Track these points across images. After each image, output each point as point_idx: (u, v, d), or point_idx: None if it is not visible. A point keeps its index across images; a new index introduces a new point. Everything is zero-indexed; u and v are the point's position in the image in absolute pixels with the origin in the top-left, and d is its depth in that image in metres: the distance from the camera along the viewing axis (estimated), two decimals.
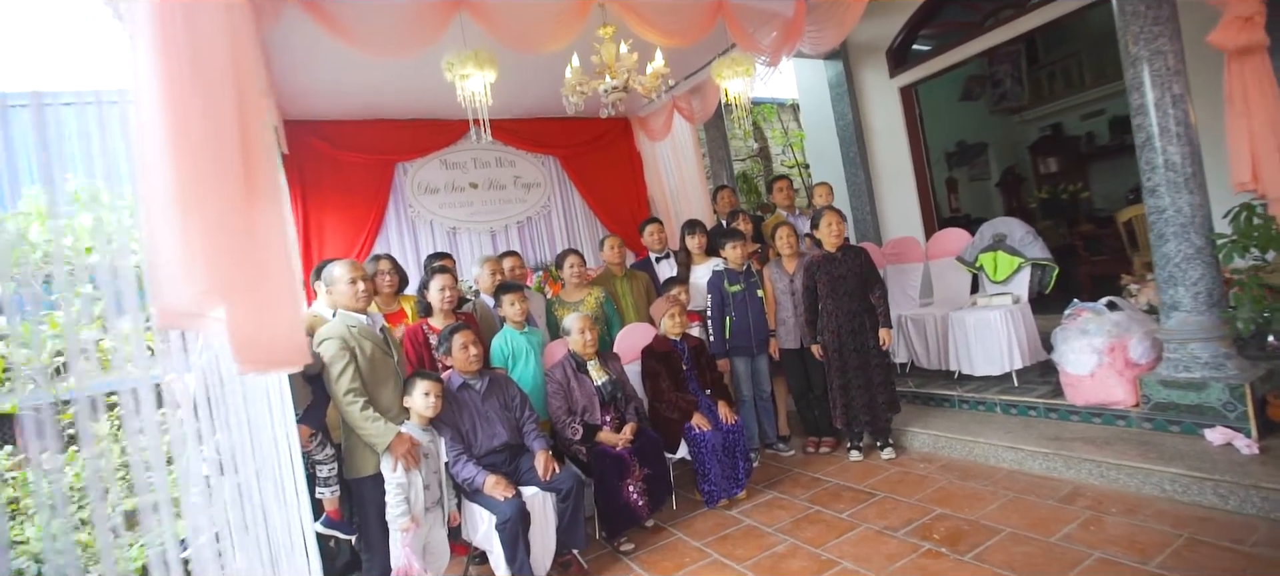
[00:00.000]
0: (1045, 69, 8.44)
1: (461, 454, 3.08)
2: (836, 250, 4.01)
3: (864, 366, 3.96)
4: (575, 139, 6.48)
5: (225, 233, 0.94)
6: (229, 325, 0.98)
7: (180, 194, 0.89)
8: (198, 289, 0.93)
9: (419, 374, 3.08)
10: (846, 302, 3.95)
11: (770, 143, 8.80)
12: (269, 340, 1.03)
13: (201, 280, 0.93)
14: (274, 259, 1.03)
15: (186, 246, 0.91)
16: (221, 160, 0.94)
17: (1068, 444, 3.39)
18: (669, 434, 3.74)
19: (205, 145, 0.93)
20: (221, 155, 0.94)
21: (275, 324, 1.04)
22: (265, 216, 1.04)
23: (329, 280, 3.07)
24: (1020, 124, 8.77)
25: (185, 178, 0.90)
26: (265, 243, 1.02)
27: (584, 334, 3.64)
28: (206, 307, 0.96)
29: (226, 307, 0.96)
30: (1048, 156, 8.43)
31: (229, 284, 0.95)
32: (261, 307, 1.01)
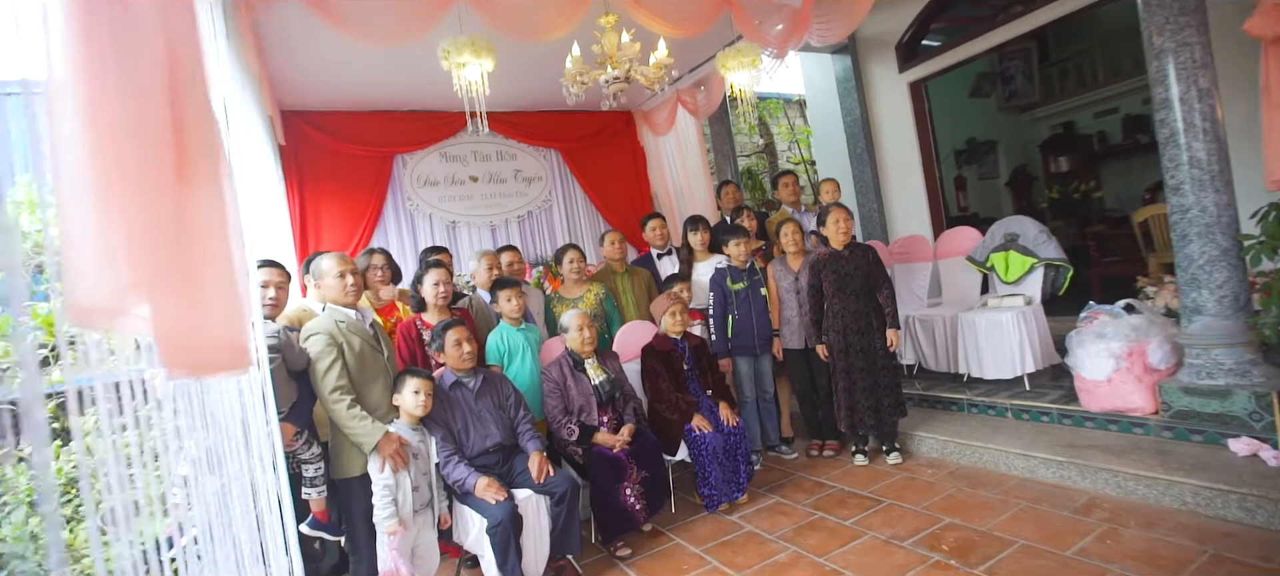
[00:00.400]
0: (1057, 66, 8.26)
1: (453, 454, 2.96)
2: (843, 248, 3.87)
3: (870, 368, 3.82)
4: (577, 132, 6.35)
5: (151, 220, 0.82)
6: (154, 324, 0.85)
7: (98, 176, 0.78)
8: (118, 282, 0.81)
9: (409, 371, 2.95)
10: (853, 302, 3.81)
11: (776, 139, 8.65)
12: (201, 342, 0.90)
13: (123, 273, 0.80)
14: (209, 251, 0.91)
15: (105, 235, 0.79)
16: (147, 140, 0.82)
17: (1083, 452, 3.25)
18: (668, 435, 3.61)
19: (126, 124, 0.81)
20: (147, 135, 0.82)
21: (210, 323, 0.91)
22: (201, 204, 0.91)
23: (317, 273, 2.95)
24: (1031, 122, 8.59)
25: (105, 159, 0.78)
26: (199, 232, 0.90)
27: (582, 331, 3.51)
28: (128, 304, 0.84)
29: (151, 304, 0.84)
30: (1059, 155, 8.26)
31: (154, 277, 0.83)
32: (194, 305, 0.88)
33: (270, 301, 2.77)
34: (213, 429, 2.36)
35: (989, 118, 8.47)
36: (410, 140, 5.63)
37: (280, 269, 2.88)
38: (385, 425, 2.80)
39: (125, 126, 0.80)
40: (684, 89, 5.83)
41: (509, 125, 6.03)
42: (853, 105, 6.59)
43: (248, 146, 3.53)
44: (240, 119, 3.61)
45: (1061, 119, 8.35)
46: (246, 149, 3.54)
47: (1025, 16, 5.11)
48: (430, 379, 2.97)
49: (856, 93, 6.54)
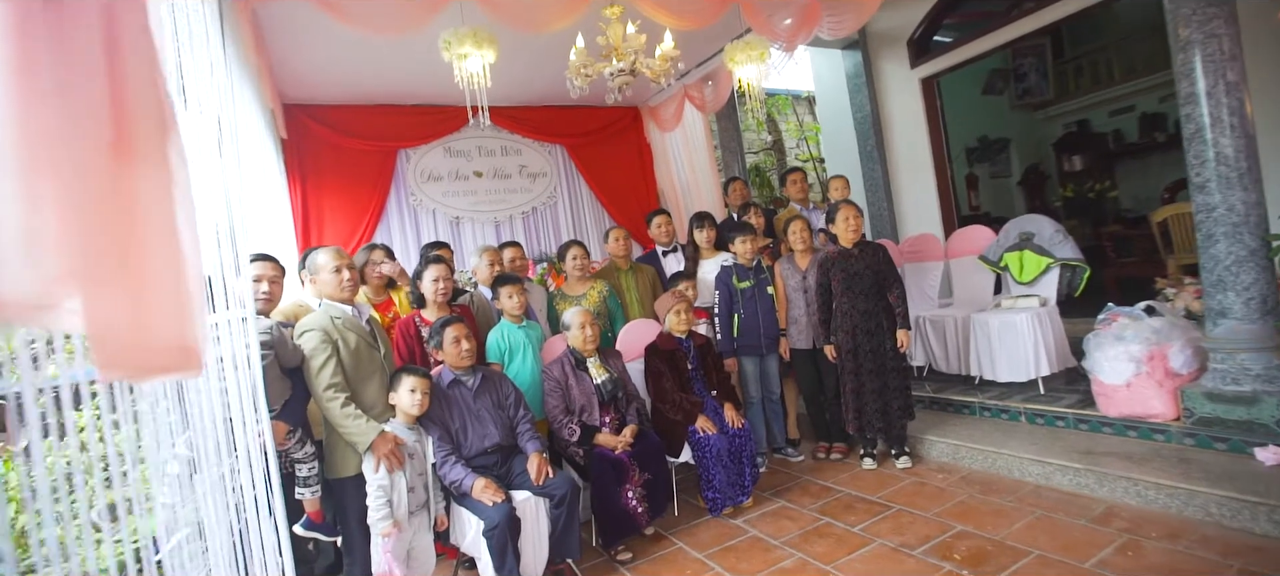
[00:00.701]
0: (1071, 63, 8.10)
1: (449, 454, 2.87)
2: (853, 246, 3.76)
3: (879, 369, 3.70)
4: (583, 128, 6.26)
5: (84, 202, 0.73)
6: (87, 320, 0.76)
7: (22, 150, 0.69)
8: (46, 273, 0.72)
9: (406, 369, 2.87)
10: (862, 301, 3.70)
11: (784, 136, 8.52)
12: (143, 342, 0.81)
13: (51, 262, 0.72)
14: (153, 238, 0.82)
15: (30, 218, 0.70)
16: (79, 109, 0.73)
17: (1100, 459, 3.12)
18: (672, 436, 3.52)
19: (57, 88, 0.72)
20: (79, 103, 0.73)
21: (152, 320, 0.81)
22: (145, 185, 0.82)
23: (313, 268, 2.87)
24: (1044, 120, 8.42)
25: (29, 131, 0.70)
26: (142, 217, 0.81)
27: (584, 329, 3.42)
28: (58, 298, 0.75)
29: (84, 297, 0.75)
30: (1072, 154, 8.09)
31: (88, 267, 0.74)
32: (134, 299, 0.79)
33: (263, 296, 2.69)
34: (200, 427, 2.28)
35: (1001, 115, 8.31)
36: (414, 135, 5.56)
37: (273, 263, 2.80)
38: (380, 424, 2.72)
39: (55, 91, 0.71)
40: (691, 84, 5.72)
41: (514, 120, 5.94)
42: (863, 101, 6.46)
43: (247, 139, 3.47)
44: (238, 111, 3.55)
45: (1075, 117, 8.18)
46: (246, 141, 3.47)
47: (1039, 11, 4.96)
48: (427, 377, 2.89)
49: (867, 89, 6.40)
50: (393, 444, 2.69)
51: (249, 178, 3.47)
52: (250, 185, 3.52)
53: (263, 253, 2.81)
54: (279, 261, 2.87)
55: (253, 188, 3.59)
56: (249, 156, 3.48)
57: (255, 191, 3.67)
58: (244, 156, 3.44)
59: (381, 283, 3.62)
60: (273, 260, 2.81)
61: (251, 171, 3.58)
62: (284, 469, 2.59)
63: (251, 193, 3.58)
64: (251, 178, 3.51)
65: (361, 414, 2.67)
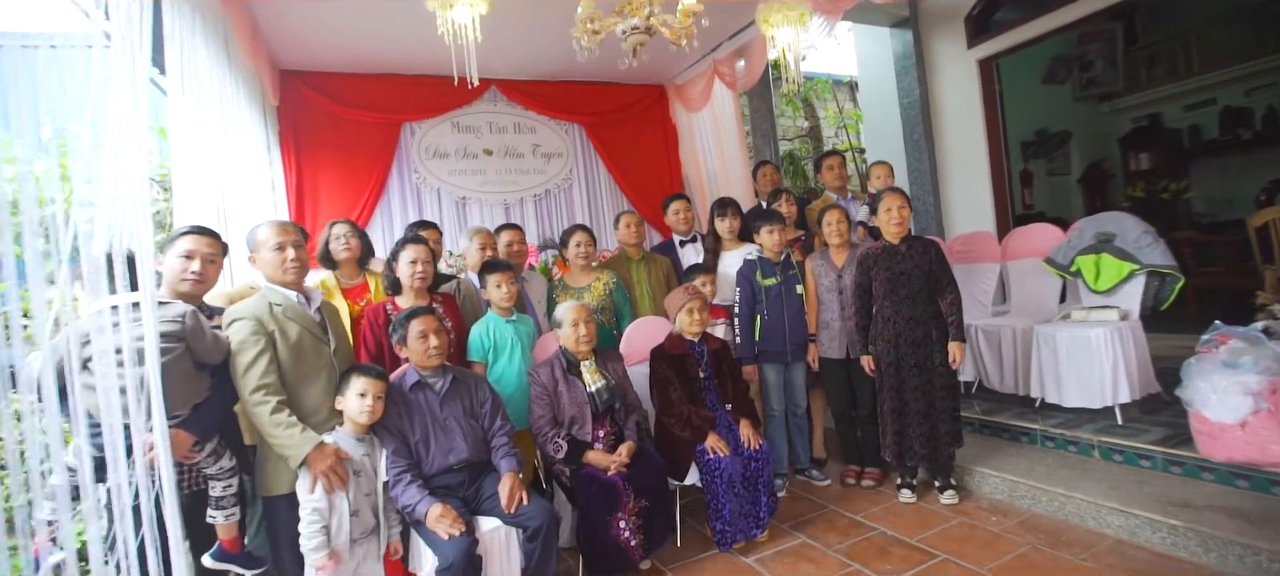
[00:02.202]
0: (1144, 50, 7.21)
1: (405, 472, 2.37)
2: (899, 242, 3.14)
3: (925, 387, 3.08)
4: (603, 105, 5.70)
5: None
6: None
7: None
8: None
9: (357, 368, 2.37)
10: (908, 307, 3.08)
11: (823, 123, 7.82)
12: None
13: None
14: None
15: None
16: None
17: (1204, 515, 2.46)
18: (677, 456, 2.96)
19: None
20: None
21: None
22: None
23: (252, 245, 2.38)
24: (1110, 113, 7.55)
25: None
26: None
27: (577, 327, 2.88)
28: None
29: None
30: (1141, 151, 7.21)
31: None
32: None
33: (193, 276, 2.21)
34: (84, 432, 1.83)
35: (1063, 106, 7.47)
36: (420, 107, 5.07)
37: (210, 238, 2.31)
38: (319, 435, 2.23)
39: None
40: (721, 59, 5.11)
41: (528, 95, 5.42)
42: (912, 85, 5.76)
43: (206, 99, 3.01)
44: (209, 74, 3.11)
45: (1146, 110, 7.30)
46: (203, 101, 3.02)
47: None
48: (382, 378, 2.39)
49: (917, 71, 5.70)
50: (333, 459, 2.20)
51: (208, 143, 3.02)
52: (214, 152, 3.07)
53: (199, 225, 2.34)
54: (219, 237, 2.39)
55: (221, 155, 3.14)
56: (209, 120, 3.02)
57: (224, 159, 3.23)
58: (199, 119, 2.99)
59: (351, 261, 3.13)
60: (209, 234, 2.33)
61: (218, 137, 3.13)
62: (192, 486, 2.12)
63: (218, 161, 3.14)
64: (214, 144, 3.06)
65: (296, 422, 2.18)
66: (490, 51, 4.92)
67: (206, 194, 2.85)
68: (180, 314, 2.04)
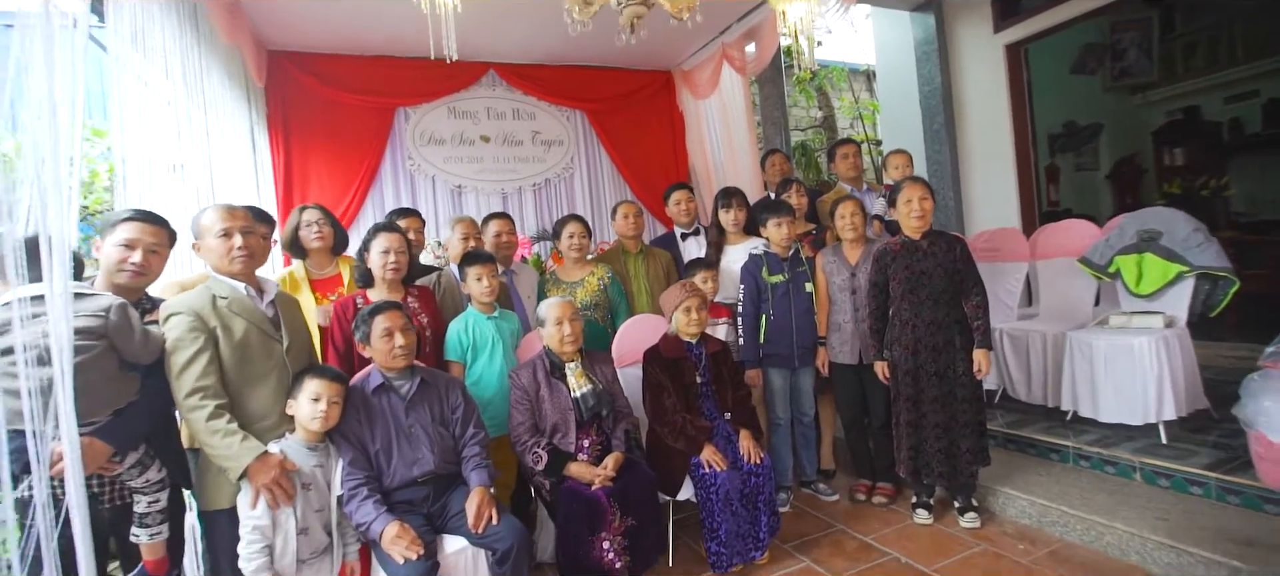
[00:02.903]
0: (1182, 39, 6.74)
1: (362, 485, 2.10)
2: (920, 237, 2.81)
3: (946, 398, 2.77)
4: (607, 91, 5.41)
5: None
6: None
7: None
8: None
9: (311, 370, 2.12)
10: (929, 309, 2.76)
11: (838, 114, 7.45)
12: None
13: None
14: None
15: None
16: None
17: (1273, 556, 2.13)
18: (670, 468, 2.68)
19: None
20: None
21: None
22: None
23: (196, 231, 2.12)
24: (1144, 104, 7.09)
25: None
26: None
27: (561, 326, 2.60)
28: None
29: None
30: (1175, 145, 6.76)
31: None
32: None
33: (132, 268, 1.95)
34: None
35: (1093, 98, 7.03)
36: (414, 91, 4.82)
37: (156, 225, 2.06)
38: (263, 444, 1.98)
39: None
40: (730, 43, 4.79)
41: (528, 79, 5.14)
42: (933, 73, 5.38)
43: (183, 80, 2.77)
44: (169, 49, 2.86)
45: (1183, 102, 6.83)
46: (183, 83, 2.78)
47: None
48: (339, 381, 2.13)
49: (938, 57, 5.32)
50: (277, 470, 1.94)
51: (169, 123, 2.78)
52: (177, 133, 2.83)
53: (142, 210, 2.09)
54: (165, 224, 2.14)
55: (186, 138, 2.91)
56: (172, 100, 2.78)
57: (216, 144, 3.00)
58: (157, 97, 2.75)
59: (323, 251, 2.87)
60: (154, 221, 2.08)
61: (182, 118, 2.89)
62: (116, 499, 1.87)
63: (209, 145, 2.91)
64: (176, 125, 2.82)
65: (237, 429, 1.93)
66: (488, 34, 4.67)
67: (160, 176, 2.60)
68: (103, 308, 1.79)
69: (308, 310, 2.68)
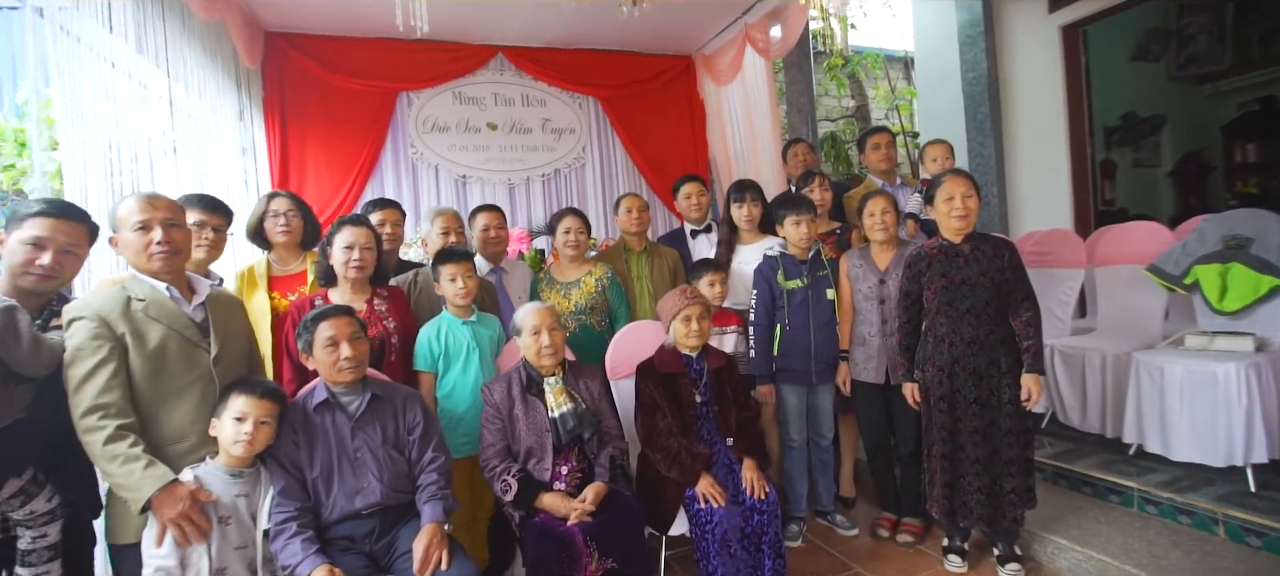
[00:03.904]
0: (1258, 24, 6.01)
1: (292, 519, 1.79)
2: (961, 240, 2.37)
3: (988, 430, 2.33)
4: (623, 77, 5.03)
5: None
6: None
7: None
8: None
9: (239, 384, 1.81)
10: (971, 324, 2.33)
11: (872, 104, 6.91)
12: None
13: None
14: None
15: None
16: None
17: None
18: (661, 499, 2.31)
19: None
20: None
21: None
22: None
23: (113, 223, 1.83)
24: (1213, 95, 6.38)
25: None
26: None
27: (539, 336, 2.25)
28: None
29: None
30: (1249, 141, 6.06)
31: None
32: None
33: (40, 271, 1.67)
34: None
35: (1155, 88, 6.34)
36: (418, 75, 4.51)
37: (74, 222, 1.77)
38: (177, 469, 1.68)
39: None
40: (753, 23, 4.36)
41: (539, 63, 4.79)
42: (978, 58, 4.85)
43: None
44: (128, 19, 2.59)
45: (1258, 93, 6.11)
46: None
47: None
48: (271, 398, 1.82)
49: (985, 41, 4.79)
50: (187, 502, 1.64)
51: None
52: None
53: (57, 203, 1.80)
54: (86, 219, 1.85)
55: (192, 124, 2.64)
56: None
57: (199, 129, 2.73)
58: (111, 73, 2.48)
59: (290, 245, 2.58)
60: (71, 216, 1.79)
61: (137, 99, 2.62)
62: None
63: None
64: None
65: (140, 454, 1.63)
66: (496, 15, 4.33)
67: (99, 159, 2.33)
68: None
69: (260, 313, 2.40)
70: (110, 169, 2.44)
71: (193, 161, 3.07)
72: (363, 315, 2.33)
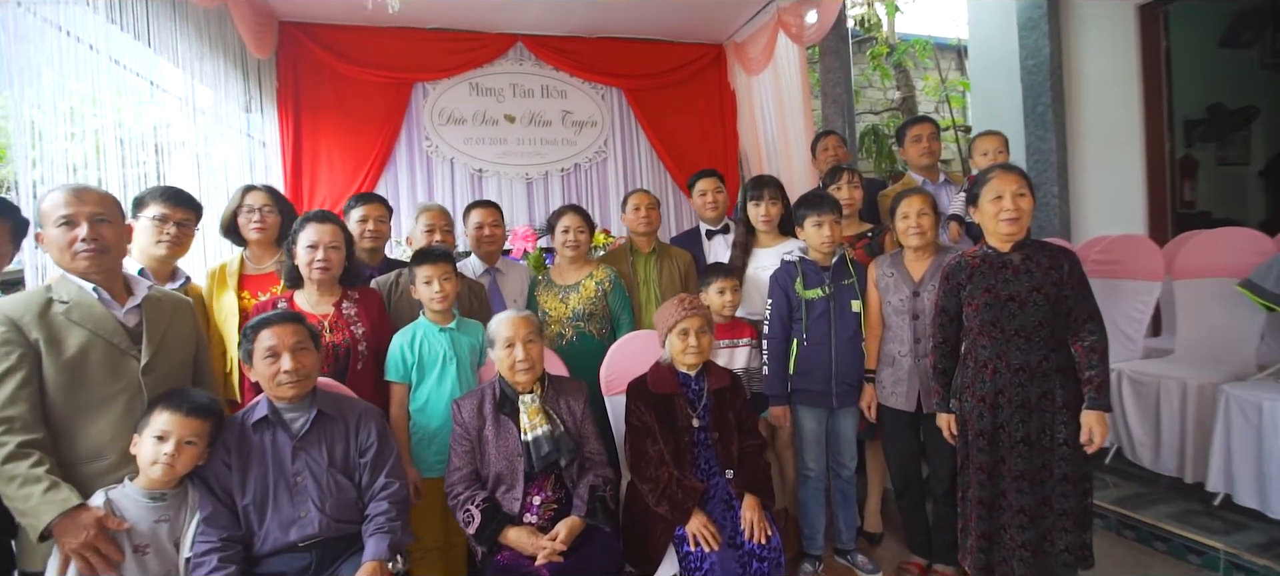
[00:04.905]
0: None
1: (214, 550, 1.57)
2: (1011, 247, 1.98)
3: (1037, 475, 1.93)
4: (649, 67, 4.74)
5: None
6: None
7: None
8: None
9: (166, 398, 1.60)
10: (1019, 349, 1.93)
11: (921, 95, 6.36)
12: None
13: None
14: None
15: None
16: None
17: None
18: (647, 537, 2.01)
19: None
20: None
21: None
22: None
23: (38, 218, 1.65)
24: None
25: None
26: None
27: (512, 348, 1.98)
28: None
29: None
30: None
31: None
32: None
33: None
34: None
35: (1246, 78, 5.59)
36: (434, 65, 4.33)
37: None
38: (90, 491, 1.49)
39: None
40: (786, 7, 3.98)
41: (560, 53, 4.54)
42: (1040, 44, 4.34)
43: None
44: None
45: None
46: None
47: None
48: (200, 415, 1.61)
49: (1048, 25, 4.28)
50: (92, 529, 1.45)
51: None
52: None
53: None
54: (12, 213, 1.68)
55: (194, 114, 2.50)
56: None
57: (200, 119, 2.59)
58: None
59: (266, 242, 2.38)
60: None
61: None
62: None
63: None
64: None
65: (43, 475, 1.44)
66: (517, 1, 4.10)
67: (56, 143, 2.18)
68: None
69: (228, 313, 2.21)
70: (93, 163, 2.30)
71: (181, 155, 2.93)
72: (329, 319, 2.13)
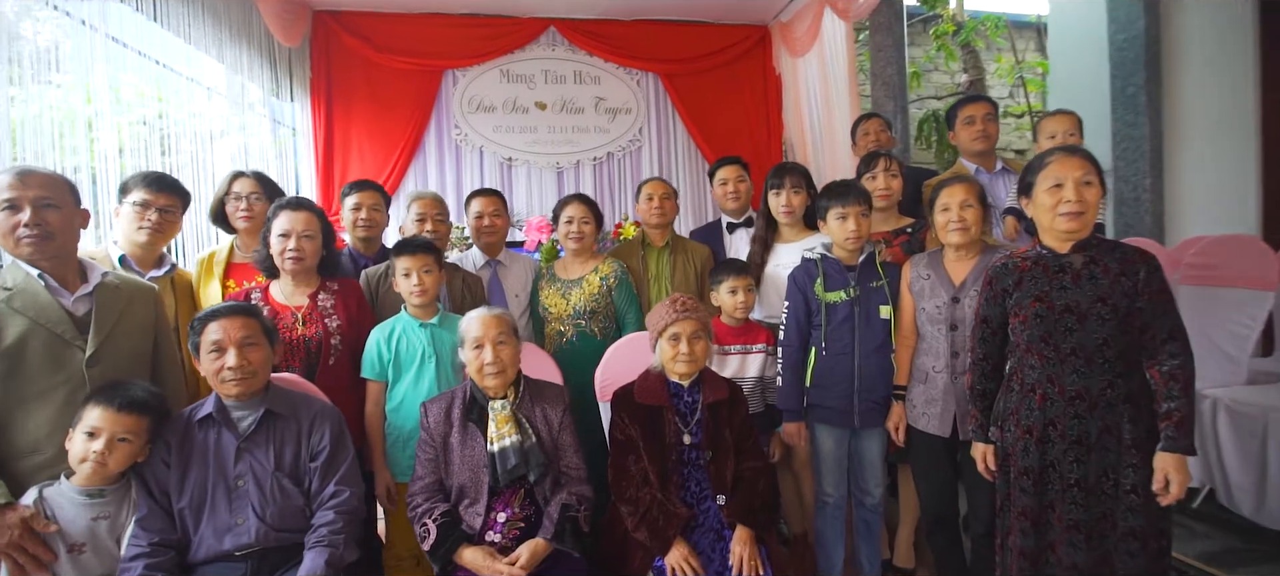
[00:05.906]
0: None
1: (144, 555, 1.46)
2: (1072, 248, 1.60)
3: (1095, 525, 1.56)
4: (689, 51, 4.47)
5: None
6: None
7: None
8: None
9: (102, 392, 1.50)
10: (1077, 370, 1.56)
11: (992, 78, 5.72)
12: None
13: None
14: None
15: None
16: None
17: None
18: (623, 564, 1.77)
19: None
20: None
21: None
22: None
23: None
24: None
25: None
26: None
27: (482, 350, 1.78)
28: None
29: None
30: None
31: None
32: None
33: None
34: None
35: None
36: (464, 51, 4.22)
37: None
38: (22, 487, 1.41)
39: None
40: None
41: (594, 38, 4.33)
42: (1134, 15, 3.74)
43: None
44: None
45: None
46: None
47: None
48: (135, 411, 1.50)
49: None
50: (19, 529, 1.36)
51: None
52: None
53: None
54: None
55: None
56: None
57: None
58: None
59: (253, 231, 2.30)
60: None
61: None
62: None
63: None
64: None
65: None
66: None
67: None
68: None
69: (211, 299, 2.13)
70: None
71: (188, 144, 2.91)
72: (303, 311, 2.01)
